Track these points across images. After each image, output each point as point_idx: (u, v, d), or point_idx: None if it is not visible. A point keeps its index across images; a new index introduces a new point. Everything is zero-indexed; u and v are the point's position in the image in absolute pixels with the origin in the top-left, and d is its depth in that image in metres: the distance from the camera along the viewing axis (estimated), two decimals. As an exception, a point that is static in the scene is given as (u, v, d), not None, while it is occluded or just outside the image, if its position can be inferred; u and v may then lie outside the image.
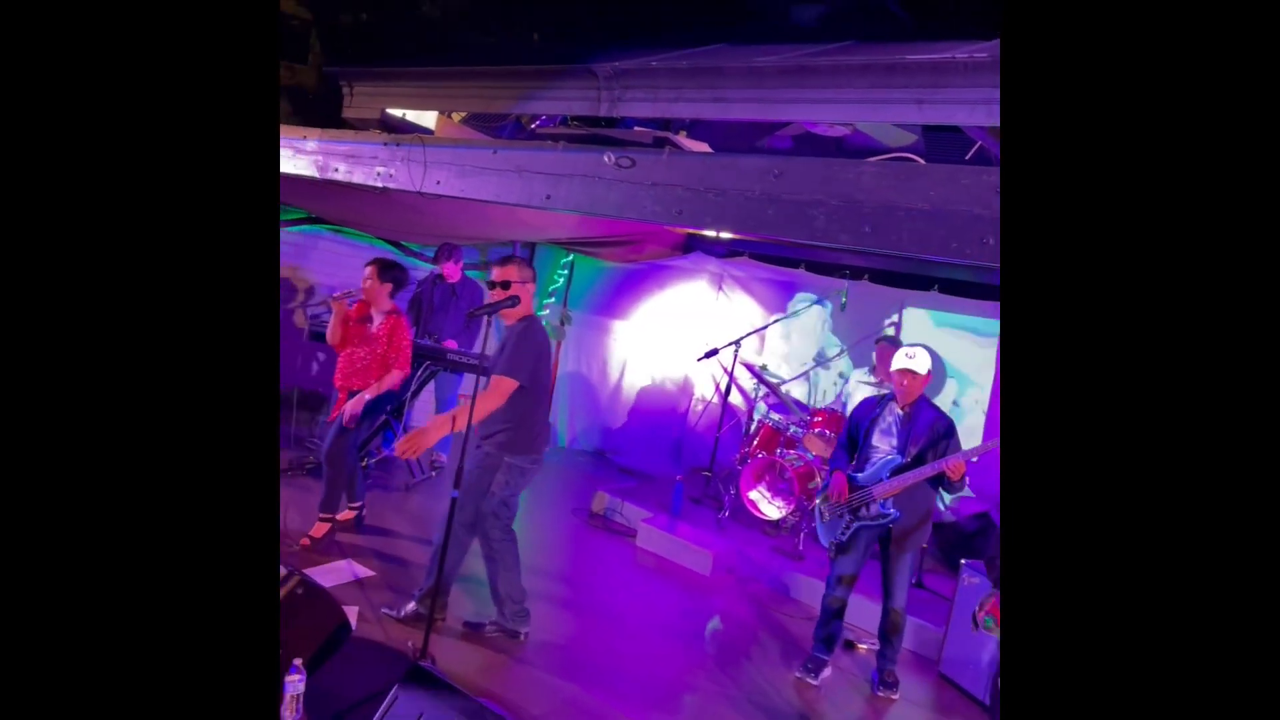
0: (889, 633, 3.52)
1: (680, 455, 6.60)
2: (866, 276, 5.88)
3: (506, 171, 3.28)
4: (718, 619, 4.14)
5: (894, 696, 3.50)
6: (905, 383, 3.45)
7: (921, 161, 2.38)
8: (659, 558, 4.77)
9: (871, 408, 3.61)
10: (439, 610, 3.23)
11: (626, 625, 3.85)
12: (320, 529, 4.01)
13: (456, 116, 4.33)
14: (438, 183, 3.51)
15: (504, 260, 3.20)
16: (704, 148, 3.05)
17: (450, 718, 2.20)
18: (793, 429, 5.32)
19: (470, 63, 4.18)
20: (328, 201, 5.81)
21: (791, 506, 5.05)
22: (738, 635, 3.98)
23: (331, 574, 3.65)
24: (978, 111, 2.28)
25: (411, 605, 3.32)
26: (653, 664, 3.47)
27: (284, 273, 6.71)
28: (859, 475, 3.51)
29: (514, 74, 3.46)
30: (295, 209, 6.56)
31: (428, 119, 4.19)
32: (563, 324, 7.16)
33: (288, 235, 6.71)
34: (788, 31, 3.46)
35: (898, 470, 3.40)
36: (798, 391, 5.87)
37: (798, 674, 3.55)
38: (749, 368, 5.77)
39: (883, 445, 3.51)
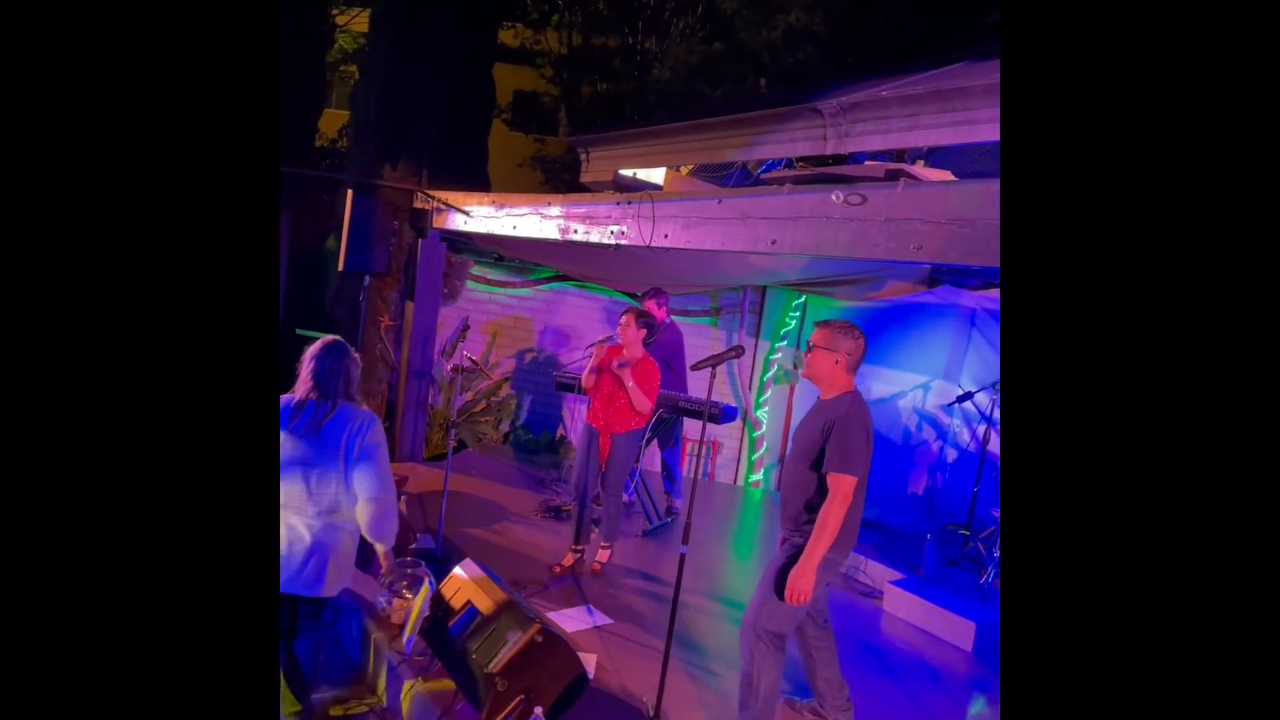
0: None
1: (932, 509, 6.02)
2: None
3: (731, 219, 3.25)
4: (983, 703, 3.63)
5: None
6: None
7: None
8: (913, 627, 4.33)
9: None
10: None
11: (877, 706, 3.51)
12: (603, 555, 4.43)
13: (685, 170, 4.43)
14: (665, 236, 3.58)
15: (821, 324, 2.86)
16: (946, 176, 2.77)
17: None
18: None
19: (698, 117, 4.27)
20: (571, 259, 6.25)
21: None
22: (1008, 725, 3.44)
23: (571, 619, 3.78)
24: None
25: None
26: (904, 750, 3.11)
27: (533, 326, 7.33)
28: None
29: (737, 122, 3.45)
30: (544, 268, 7.17)
31: (658, 175, 4.33)
32: (796, 367, 6.96)
33: (539, 293, 7.35)
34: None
35: None
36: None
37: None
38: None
39: None
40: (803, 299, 7.05)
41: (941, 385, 5.81)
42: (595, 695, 3.08)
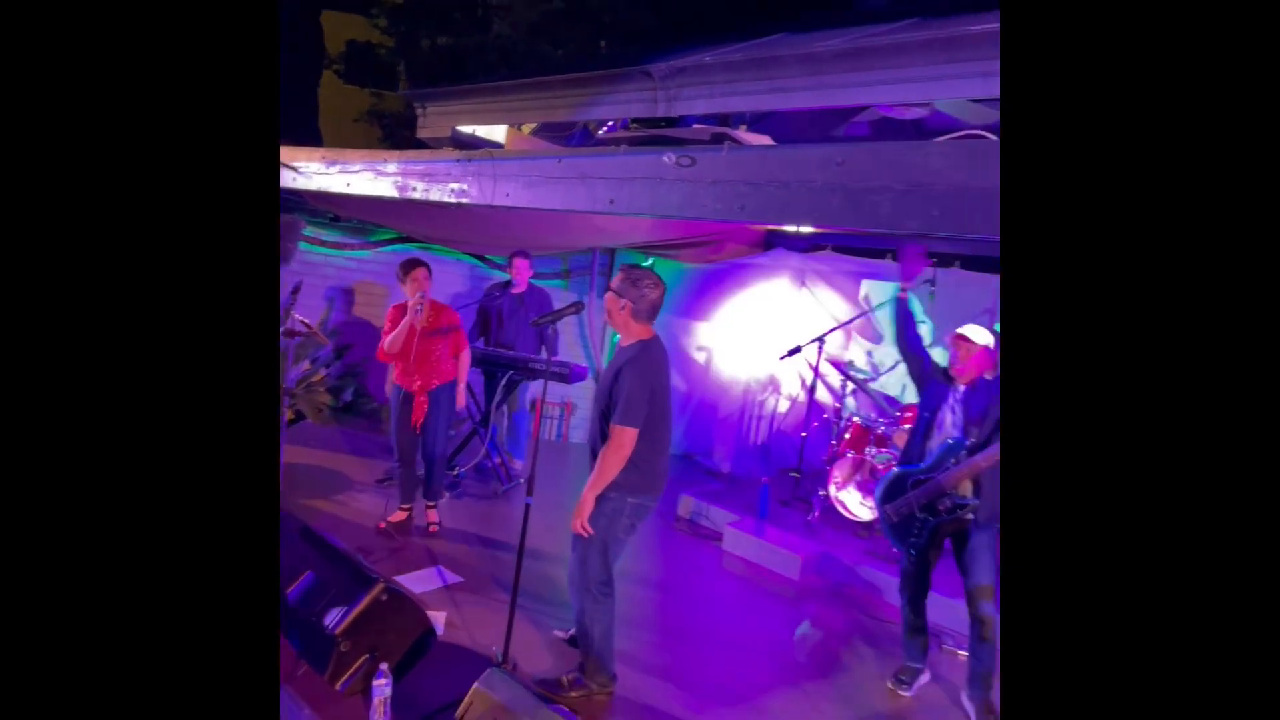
0: (976, 647, 3.16)
1: (769, 457, 6.48)
2: (958, 264, 5.58)
3: (571, 179, 3.30)
4: (807, 624, 4.02)
5: None
6: (961, 353, 3.21)
7: (993, 138, 2.22)
8: (747, 562, 4.69)
9: (941, 388, 3.33)
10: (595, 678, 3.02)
11: (711, 632, 3.80)
12: (431, 514, 4.53)
13: (526, 129, 4.41)
14: (507, 195, 3.57)
15: (620, 271, 3.00)
16: (765, 140, 2.97)
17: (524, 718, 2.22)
18: (882, 427, 5.12)
19: (538, 75, 4.25)
20: (413, 220, 6.05)
21: (884, 507, 4.84)
22: (828, 642, 3.85)
23: (421, 581, 3.77)
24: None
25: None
26: (738, 672, 3.40)
27: (377, 290, 7.05)
28: (920, 466, 3.25)
29: (574, 82, 3.49)
30: (386, 229, 6.88)
31: (498, 133, 4.28)
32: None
33: (380, 255, 7.05)
34: (852, 18, 3.33)
35: (958, 451, 3.14)
36: (891, 388, 5.64)
37: (889, 684, 3.39)
38: (835, 364, 5.59)
39: (948, 428, 3.26)
40: (650, 261, 7.25)
41: (775, 340, 6.21)
42: (444, 649, 3.13)
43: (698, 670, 3.35)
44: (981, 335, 3.21)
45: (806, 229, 6.09)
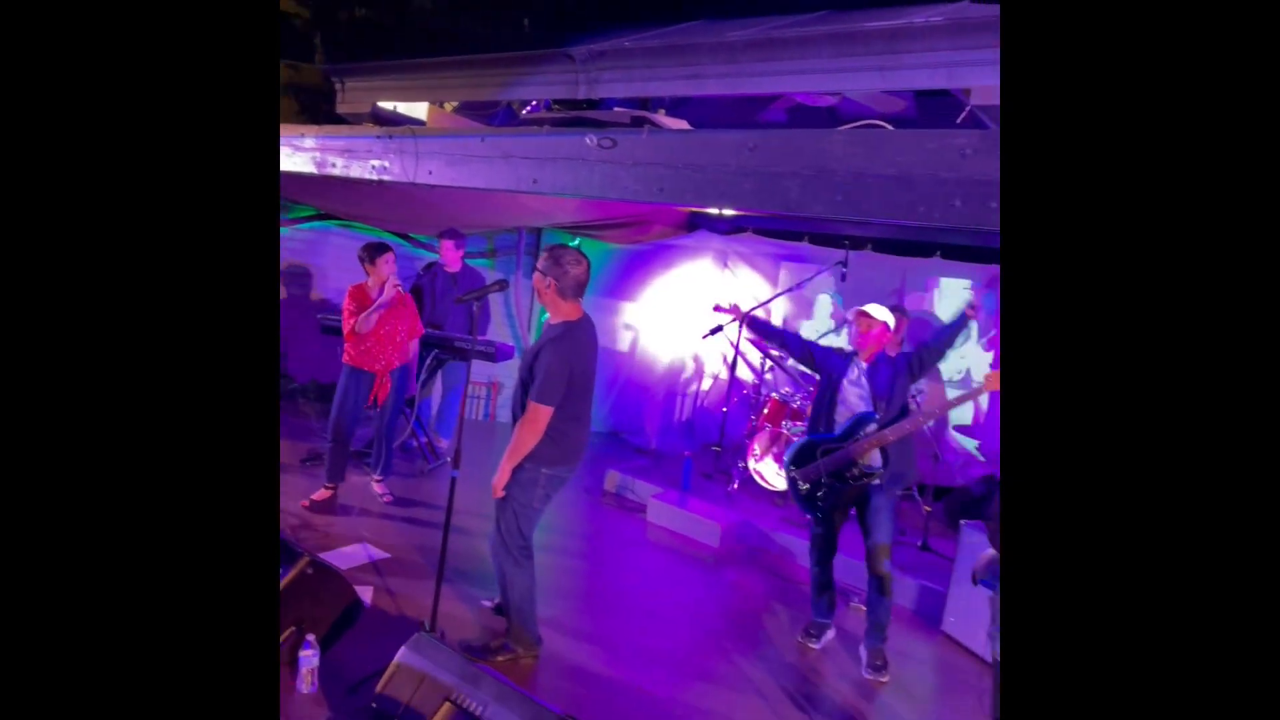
0: (874, 601, 3.42)
1: (693, 432, 6.68)
2: (869, 246, 5.87)
3: (494, 158, 3.34)
4: (727, 589, 4.23)
5: (883, 680, 3.35)
6: (861, 328, 3.45)
7: (889, 128, 2.40)
8: (670, 532, 4.87)
9: (840, 363, 3.56)
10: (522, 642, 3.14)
11: (636, 599, 3.95)
12: (380, 487, 4.67)
13: (449, 106, 4.40)
14: (430, 173, 3.59)
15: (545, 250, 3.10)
16: (683, 125, 3.09)
17: (450, 680, 2.31)
18: (798, 401, 5.37)
19: (462, 52, 4.24)
20: (335, 198, 5.93)
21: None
22: (746, 604, 4.06)
23: (347, 557, 3.79)
24: (937, 75, 2.29)
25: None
26: (661, 633, 3.57)
27: (296, 268, 6.87)
28: (830, 435, 3.47)
29: (497, 61, 3.51)
30: (305, 206, 6.69)
31: (420, 110, 4.26)
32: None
33: (298, 232, 6.85)
34: (767, 6, 3.47)
35: (867, 424, 3.37)
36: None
37: (799, 638, 3.63)
38: (755, 343, 5.81)
39: (852, 400, 3.49)
40: (577, 241, 7.30)
41: (698, 319, 6.39)
42: (372, 620, 3.18)
43: (623, 634, 3.51)
44: (881, 313, 3.44)
45: (728, 211, 6.27)
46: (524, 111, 4.77)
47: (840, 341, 5.39)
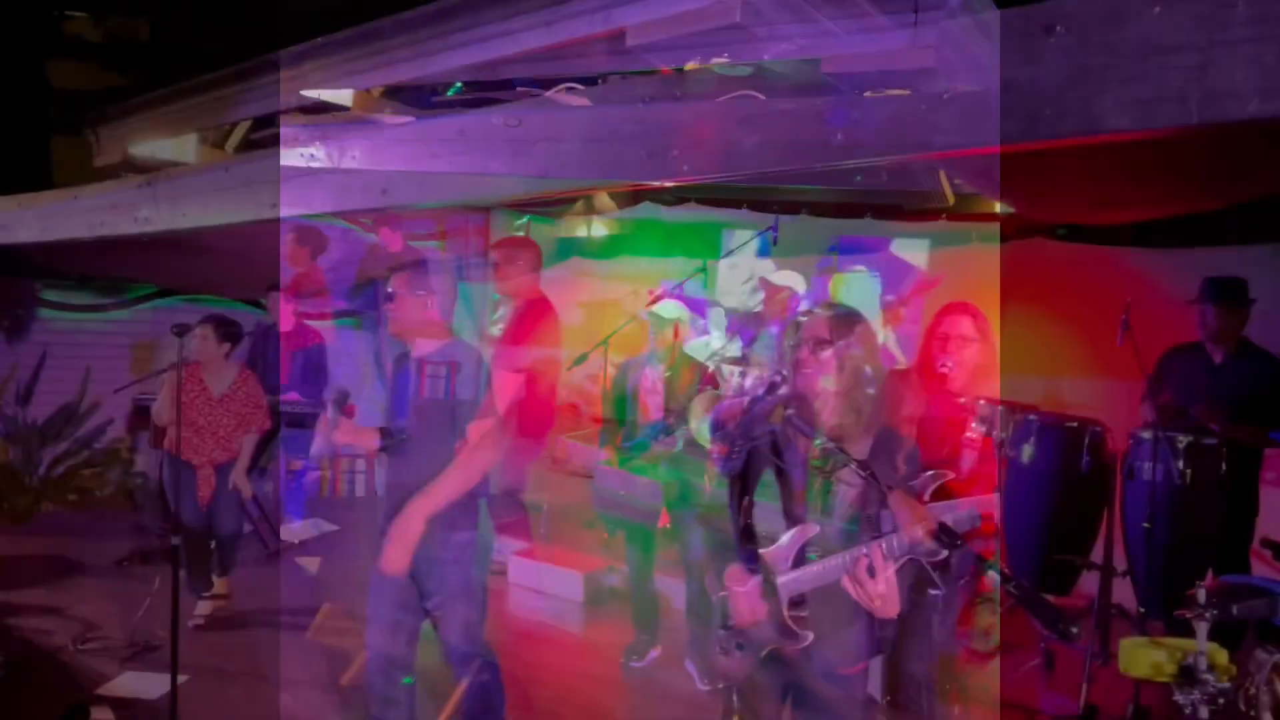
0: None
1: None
2: (805, 210, 5.90)
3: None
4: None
5: None
6: (766, 295, 3.44)
7: (761, 96, 2.57)
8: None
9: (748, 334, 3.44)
10: None
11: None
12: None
13: (375, 92, 4.42)
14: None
15: None
16: (585, 101, 3.21)
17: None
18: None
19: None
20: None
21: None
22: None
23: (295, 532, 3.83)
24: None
25: None
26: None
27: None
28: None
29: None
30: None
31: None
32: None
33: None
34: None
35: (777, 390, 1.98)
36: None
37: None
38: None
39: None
40: (524, 219, 7.36)
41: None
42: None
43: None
44: (789, 279, 3.53)
45: (670, 183, 6.32)
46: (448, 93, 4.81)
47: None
